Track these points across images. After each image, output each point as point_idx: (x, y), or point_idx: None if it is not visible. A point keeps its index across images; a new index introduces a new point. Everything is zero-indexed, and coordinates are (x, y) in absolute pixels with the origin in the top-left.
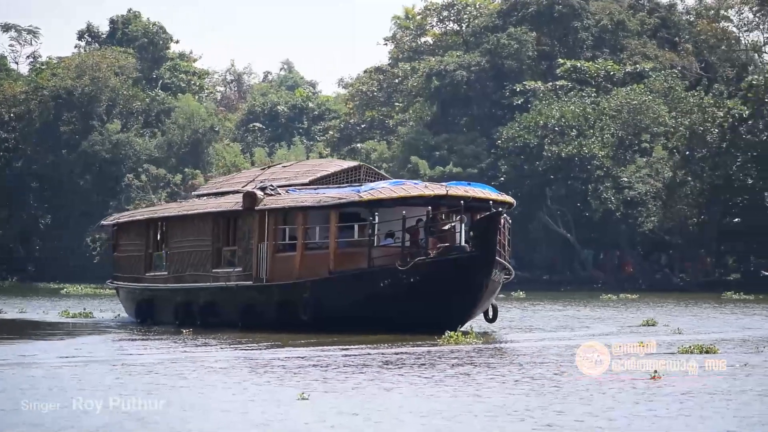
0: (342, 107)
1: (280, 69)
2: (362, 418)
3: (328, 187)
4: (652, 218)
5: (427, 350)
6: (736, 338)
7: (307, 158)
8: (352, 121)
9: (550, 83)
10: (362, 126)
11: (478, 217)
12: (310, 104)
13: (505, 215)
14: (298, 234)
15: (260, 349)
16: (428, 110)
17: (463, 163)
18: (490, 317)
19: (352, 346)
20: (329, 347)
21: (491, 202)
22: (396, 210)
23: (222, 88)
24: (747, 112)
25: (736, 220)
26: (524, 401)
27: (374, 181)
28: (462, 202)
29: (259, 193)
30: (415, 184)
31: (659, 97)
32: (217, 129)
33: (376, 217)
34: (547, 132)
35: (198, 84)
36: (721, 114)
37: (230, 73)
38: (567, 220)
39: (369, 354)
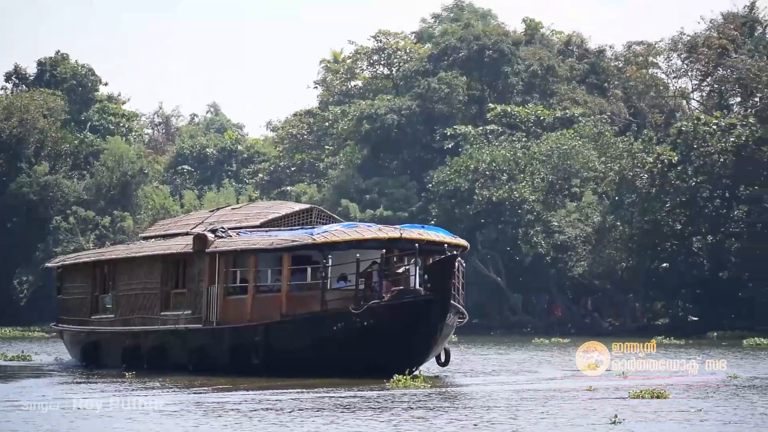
0: (271, 150)
1: (207, 111)
2: None
3: (280, 230)
4: (582, 263)
5: (377, 394)
6: (680, 383)
7: (237, 201)
8: (281, 164)
9: (481, 127)
10: (292, 169)
11: (433, 261)
12: (239, 147)
13: (459, 258)
14: (250, 277)
15: (211, 393)
16: (359, 153)
17: (394, 207)
18: (443, 361)
19: (303, 390)
20: (280, 390)
21: (446, 245)
22: (349, 253)
23: (150, 131)
24: (676, 157)
25: (665, 265)
26: None
27: (326, 223)
28: (416, 245)
29: (210, 236)
30: (369, 227)
31: (589, 142)
32: (146, 171)
33: (330, 260)
34: (477, 176)
35: (126, 126)
36: (651, 159)
37: (158, 116)
38: (497, 264)
39: (320, 398)
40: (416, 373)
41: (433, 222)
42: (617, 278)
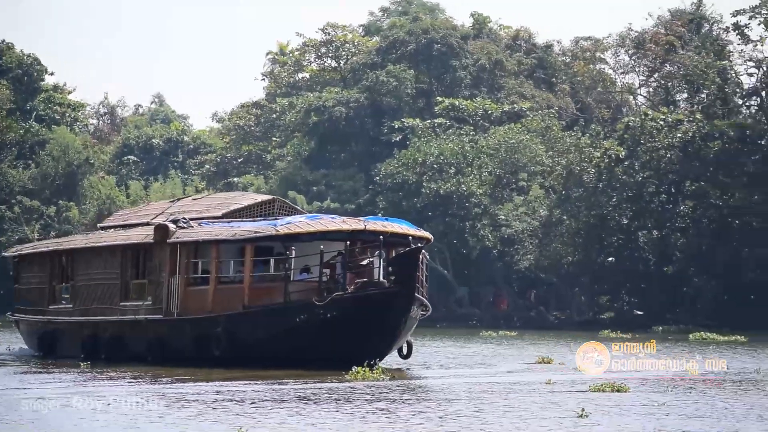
0: (217, 141)
1: (151, 102)
2: None
3: (242, 221)
4: (528, 256)
5: (338, 386)
6: (636, 377)
7: (183, 192)
8: (228, 155)
9: (429, 121)
10: (239, 160)
11: (398, 253)
12: (185, 138)
13: (423, 251)
14: (212, 267)
15: (173, 384)
16: (306, 145)
17: (341, 199)
18: (405, 353)
19: (264, 381)
20: (241, 382)
21: (410, 237)
22: (312, 244)
23: (95, 121)
24: (623, 152)
25: (611, 259)
26: None
27: (288, 214)
28: (381, 237)
29: (171, 226)
30: (332, 218)
31: (536, 136)
32: (92, 161)
33: (293, 251)
34: (425, 169)
35: (72, 116)
36: (598, 154)
37: (103, 106)
38: (444, 257)
39: (282, 389)
40: (375, 364)
41: (380, 214)
42: (563, 272)
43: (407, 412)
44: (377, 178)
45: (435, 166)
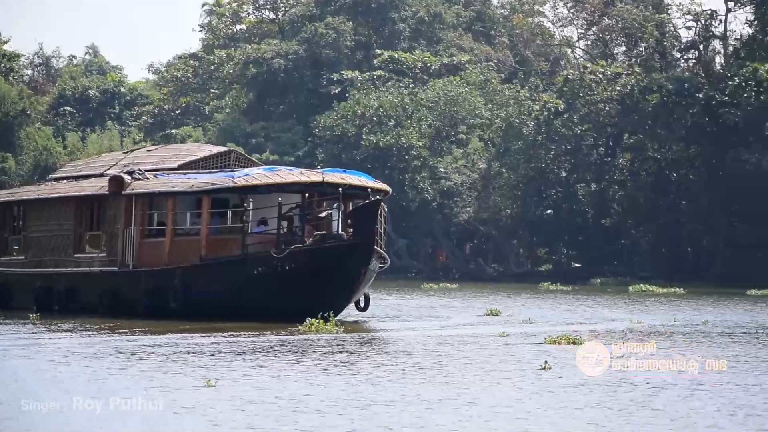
0: (154, 93)
1: (85, 53)
2: (285, 408)
3: (198, 172)
4: (468, 209)
5: (293, 338)
6: (586, 329)
7: (121, 144)
8: (166, 107)
9: (368, 73)
10: (177, 112)
11: (358, 205)
12: (122, 89)
13: (383, 203)
14: (168, 219)
15: (130, 336)
16: (244, 97)
17: (280, 151)
18: (362, 306)
19: (219, 334)
20: (197, 334)
21: (369, 189)
22: (270, 196)
23: (30, 72)
24: (562, 105)
25: (549, 212)
26: (433, 391)
27: (244, 166)
28: (340, 189)
29: (127, 177)
30: (290, 170)
31: (475, 89)
32: (28, 112)
33: (251, 204)
34: (364, 121)
35: (7, 66)
36: (537, 107)
37: (38, 57)
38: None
39: (238, 341)
40: (331, 317)
41: (320, 166)
42: (502, 224)
43: (368, 364)
44: (316, 130)
45: (374, 118)
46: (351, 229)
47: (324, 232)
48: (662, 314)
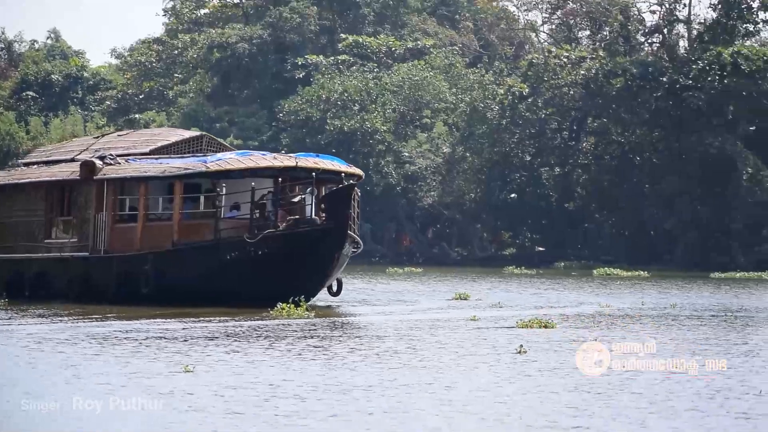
0: (118, 78)
1: (47, 38)
2: (264, 394)
3: (170, 157)
4: (432, 193)
5: (265, 323)
6: (556, 313)
7: (85, 129)
8: (129, 91)
9: (332, 58)
10: (140, 97)
11: (330, 190)
12: (85, 74)
13: (356, 188)
14: (140, 204)
15: (103, 322)
16: (208, 82)
17: (244, 135)
18: (335, 291)
19: (191, 319)
20: (169, 320)
21: (342, 174)
22: (243, 181)
23: None
24: (526, 89)
25: (513, 195)
26: (410, 376)
27: (216, 151)
28: (313, 174)
29: (98, 162)
30: (263, 155)
31: (440, 73)
32: None
33: (223, 189)
34: (329, 106)
35: None
36: (501, 91)
37: (0, 41)
38: None
39: (210, 327)
40: (303, 302)
41: (284, 151)
42: (466, 208)
43: (342, 349)
44: (280, 114)
45: (339, 102)
46: (324, 214)
47: (297, 216)
48: (629, 298)
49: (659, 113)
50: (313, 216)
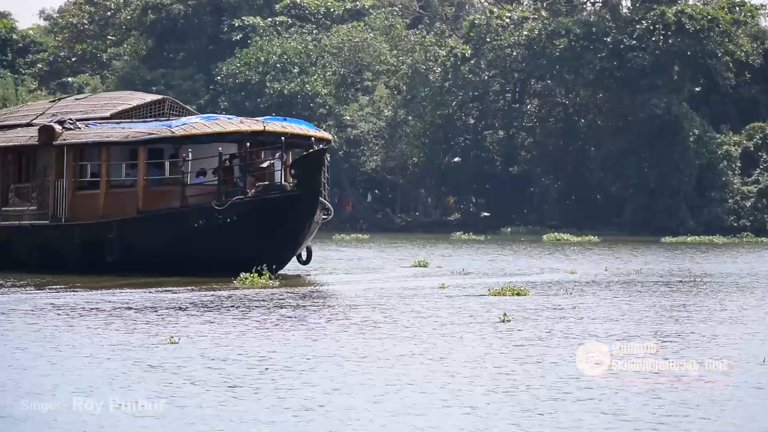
0: (49, 40)
1: None
2: (256, 366)
3: (132, 122)
4: (375, 158)
5: (232, 293)
6: (523, 280)
7: (16, 92)
8: (61, 54)
9: (270, 19)
10: (73, 59)
11: (302, 154)
12: (14, 36)
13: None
14: (102, 171)
15: (67, 293)
16: (143, 44)
17: (182, 99)
18: (304, 259)
19: (154, 289)
20: (132, 290)
21: (312, 138)
22: (208, 146)
23: None
24: (469, 51)
25: (457, 159)
26: (400, 347)
27: (179, 115)
28: (282, 138)
29: (57, 127)
30: (229, 119)
31: (380, 35)
32: None
33: (189, 154)
34: (268, 68)
35: None
36: (443, 53)
37: None
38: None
39: (176, 297)
40: (262, 270)
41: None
42: (409, 173)
43: (318, 319)
44: (218, 77)
45: (278, 65)
46: (294, 180)
47: (266, 183)
48: (589, 264)
49: (603, 74)
50: (283, 182)
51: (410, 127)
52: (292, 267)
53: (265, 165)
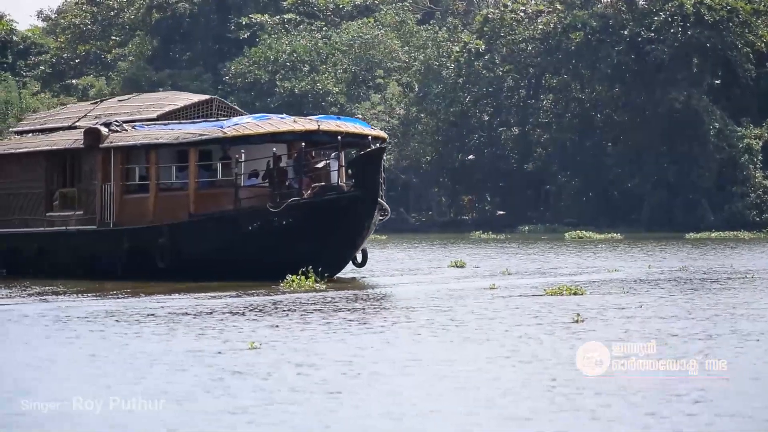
0: (50, 41)
1: None
2: (347, 371)
3: (180, 122)
4: (388, 156)
5: (283, 297)
6: (573, 280)
7: (20, 96)
8: (64, 55)
9: (278, 17)
10: (76, 61)
11: (360, 153)
12: (14, 38)
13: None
14: (151, 174)
15: (117, 299)
16: (149, 44)
17: None
18: (359, 262)
19: (204, 294)
20: (196, 295)
21: (369, 137)
22: (261, 147)
23: None
24: (482, 46)
25: (471, 157)
26: (483, 350)
27: (227, 114)
28: (338, 137)
29: (104, 129)
30: (282, 118)
31: (391, 31)
32: None
33: (242, 155)
34: (278, 67)
35: None
36: (457, 48)
37: None
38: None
39: (229, 301)
40: (308, 273)
41: None
42: (422, 172)
43: (382, 322)
44: (227, 77)
45: (288, 64)
46: (351, 180)
47: (323, 183)
48: (628, 261)
49: (621, 68)
50: (340, 183)
51: (423, 125)
52: (348, 269)
53: (320, 165)
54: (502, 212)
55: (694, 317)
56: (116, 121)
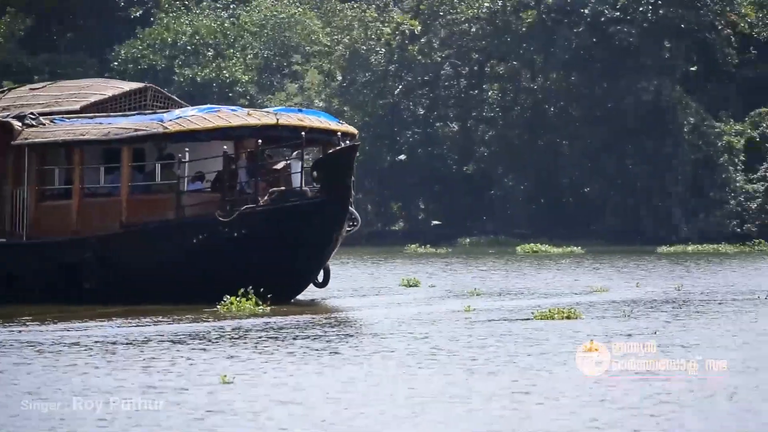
0: None
1: None
2: (333, 407)
3: (110, 116)
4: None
5: (224, 322)
6: (551, 302)
7: None
8: None
9: None
10: None
11: (327, 153)
12: None
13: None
14: (75, 176)
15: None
16: (21, 23)
17: None
18: (320, 281)
19: (137, 319)
20: (128, 320)
21: (338, 134)
22: (209, 145)
23: None
24: (419, 28)
25: (402, 157)
26: (484, 383)
27: (164, 106)
28: (302, 133)
29: (16, 124)
30: (233, 110)
31: (310, 9)
32: None
33: (186, 155)
34: (177, 51)
35: None
36: (388, 30)
37: None
38: None
39: (165, 328)
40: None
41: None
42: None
43: (353, 351)
44: (115, 63)
45: (189, 47)
46: (316, 184)
47: (282, 188)
48: (611, 281)
49: (579, 53)
50: (303, 187)
51: (347, 120)
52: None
53: (279, 166)
54: (437, 222)
55: (720, 345)
56: (31, 113)
